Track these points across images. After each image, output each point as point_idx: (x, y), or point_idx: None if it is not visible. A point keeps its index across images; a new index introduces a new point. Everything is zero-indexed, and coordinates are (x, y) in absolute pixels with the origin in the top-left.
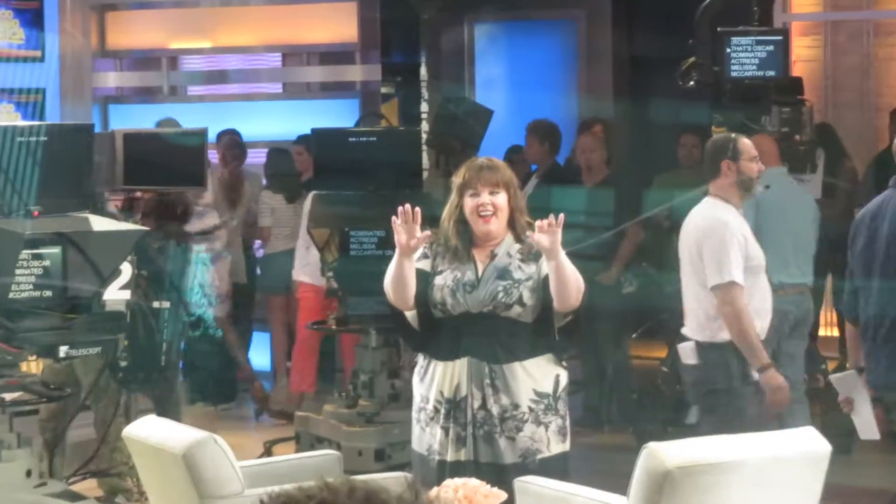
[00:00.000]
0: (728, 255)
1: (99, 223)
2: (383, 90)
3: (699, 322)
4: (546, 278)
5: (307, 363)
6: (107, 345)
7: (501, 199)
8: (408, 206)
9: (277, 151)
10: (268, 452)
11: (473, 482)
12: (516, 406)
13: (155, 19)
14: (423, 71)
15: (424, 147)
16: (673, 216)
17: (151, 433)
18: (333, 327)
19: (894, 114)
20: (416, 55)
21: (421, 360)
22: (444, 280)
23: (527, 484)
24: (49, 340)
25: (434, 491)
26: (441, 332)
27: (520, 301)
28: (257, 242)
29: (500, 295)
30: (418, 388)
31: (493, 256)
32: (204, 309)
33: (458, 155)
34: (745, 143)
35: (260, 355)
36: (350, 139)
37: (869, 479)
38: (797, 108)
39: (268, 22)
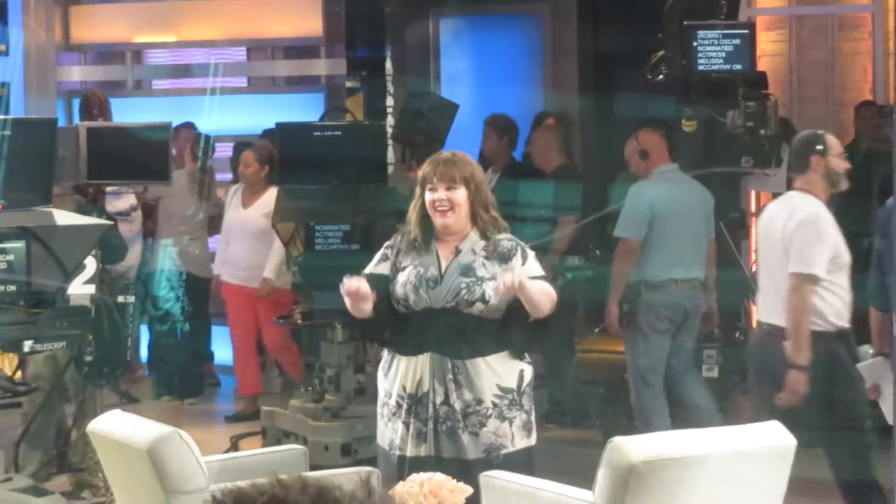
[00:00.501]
0: (819, 248)
1: (63, 217)
2: (348, 84)
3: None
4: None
5: (248, 365)
6: (72, 339)
7: (459, 194)
8: (352, 283)
9: (244, 146)
10: (234, 447)
11: (439, 477)
12: (479, 401)
13: (119, 13)
14: (388, 65)
15: (390, 141)
16: None
17: (116, 428)
18: (299, 322)
19: (859, 108)
20: (381, 49)
21: (385, 354)
22: (406, 276)
23: (492, 479)
24: (13, 335)
25: (399, 486)
26: (404, 327)
27: (482, 298)
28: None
29: (463, 292)
30: (382, 384)
31: (457, 252)
32: (172, 303)
33: (424, 149)
34: (833, 139)
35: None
36: (314, 133)
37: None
38: (762, 102)
39: (232, 16)
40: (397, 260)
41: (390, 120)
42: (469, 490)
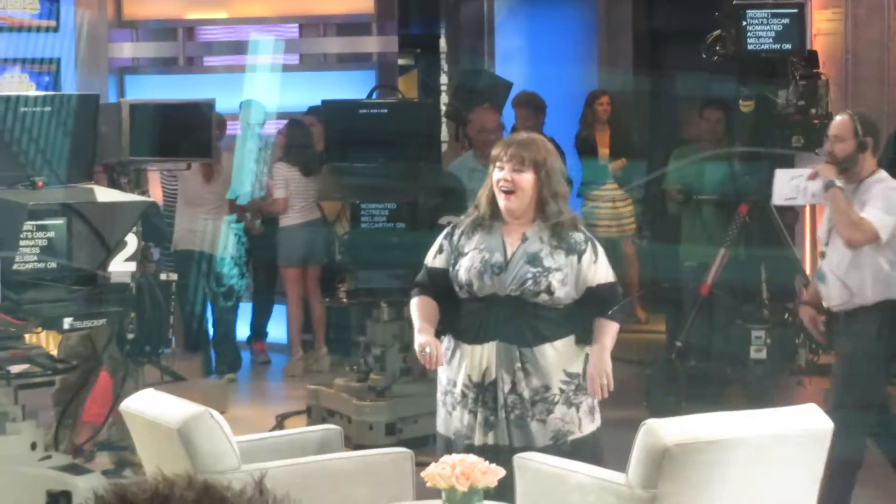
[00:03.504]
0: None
1: (104, 194)
2: (401, 62)
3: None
4: (579, 277)
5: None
6: (112, 317)
7: (526, 178)
8: (430, 357)
9: (295, 123)
10: (279, 426)
11: (471, 458)
12: (547, 388)
13: None
14: (443, 42)
15: (444, 119)
16: (685, 188)
17: (148, 407)
18: (344, 301)
19: None
20: (436, 27)
21: (446, 341)
22: (470, 261)
23: (525, 461)
24: (53, 312)
25: (431, 467)
26: (466, 314)
27: (548, 290)
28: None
29: (529, 282)
30: (444, 371)
31: (523, 239)
32: (235, 279)
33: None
34: None
35: (276, 327)
36: (360, 111)
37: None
38: (813, 81)
39: None
40: (458, 245)
41: (444, 97)
42: (502, 472)
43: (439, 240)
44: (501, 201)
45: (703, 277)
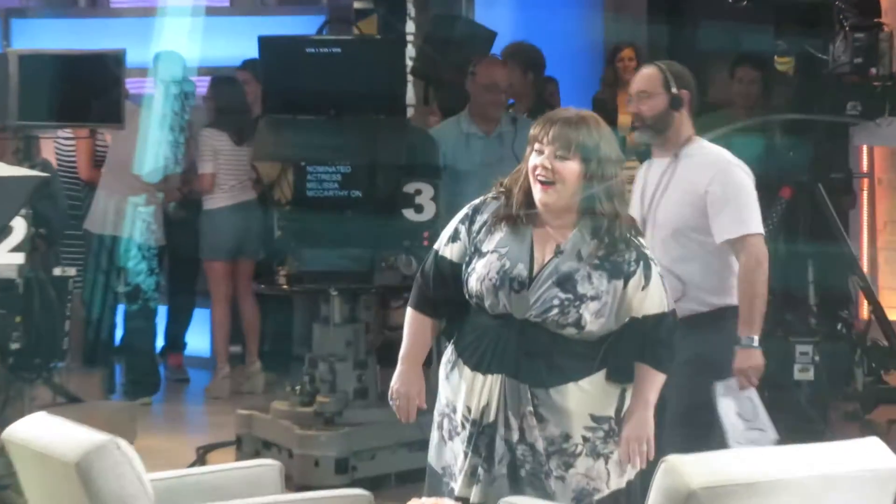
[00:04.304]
0: None
1: None
2: (358, 5)
3: None
4: (622, 306)
5: None
6: None
7: (570, 167)
8: (407, 412)
9: (223, 80)
10: (201, 460)
11: (447, 502)
12: (567, 437)
13: None
14: None
15: (410, 77)
16: None
17: (39, 435)
18: (284, 287)
19: None
20: None
21: (449, 351)
22: (486, 268)
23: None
24: None
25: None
26: (472, 328)
27: (577, 324)
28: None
29: (555, 311)
30: (444, 387)
31: (557, 252)
32: (143, 276)
33: (451, 88)
34: None
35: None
36: (307, 50)
37: None
38: (873, 33)
39: None
40: (477, 238)
41: (411, 50)
42: None
43: (455, 222)
44: (537, 193)
45: None
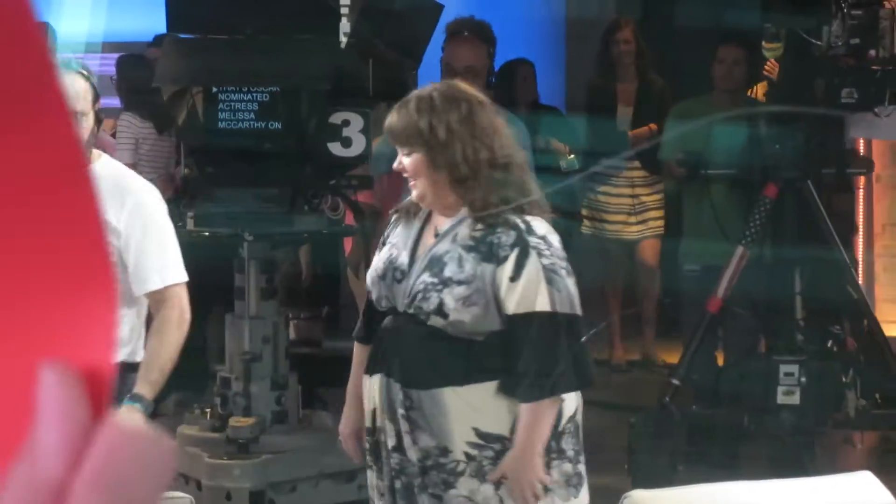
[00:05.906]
0: None
1: None
2: None
3: None
4: (496, 297)
5: None
6: None
7: (415, 160)
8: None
9: (132, 59)
10: None
11: None
12: (445, 450)
13: None
14: None
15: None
16: (687, 159)
17: None
18: (191, 230)
19: None
20: None
21: None
22: (378, 259)
23: None
24: None
25: None
26: (375, 327)
27: (439, 310)
28: None
29: (419, 296)
30: None
31: (436, 235)
32: None
33: (393, 69)
34: None
35: None
36: None
37: None
38: (872, 10)
39: None
40: (387, 234)
41: (345, 24)
42: None
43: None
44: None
45: (711, 288)
